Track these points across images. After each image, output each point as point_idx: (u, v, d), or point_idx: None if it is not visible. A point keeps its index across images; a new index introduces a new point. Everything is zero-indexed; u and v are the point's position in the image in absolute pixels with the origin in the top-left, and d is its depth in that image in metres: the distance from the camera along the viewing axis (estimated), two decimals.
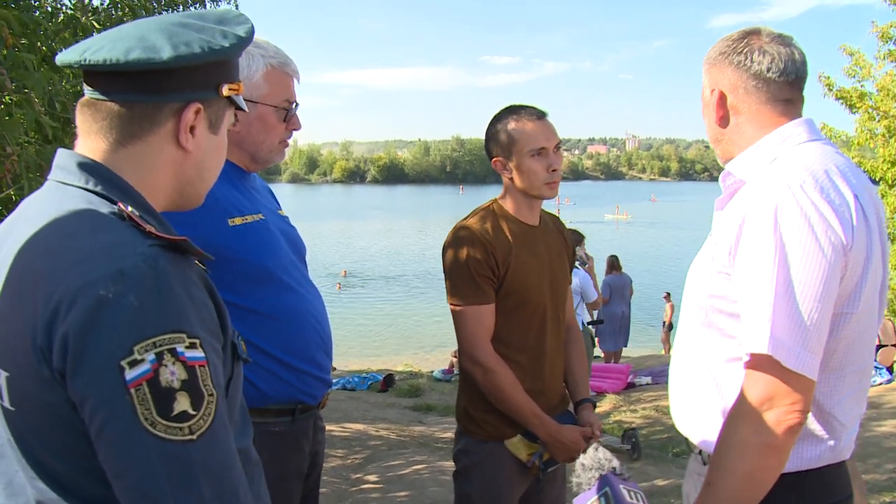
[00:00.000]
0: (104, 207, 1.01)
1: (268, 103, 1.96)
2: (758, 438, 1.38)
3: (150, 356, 0.88)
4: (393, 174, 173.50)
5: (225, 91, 1.13)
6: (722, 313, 1.55)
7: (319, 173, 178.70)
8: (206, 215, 1.75)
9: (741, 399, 1.42)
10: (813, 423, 1.50)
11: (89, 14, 4.14)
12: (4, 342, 0.95)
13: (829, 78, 11.82)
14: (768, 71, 1.56)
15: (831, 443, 1.52)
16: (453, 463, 2.47)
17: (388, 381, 11.48)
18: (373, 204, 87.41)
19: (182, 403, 0.89)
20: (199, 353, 0.92)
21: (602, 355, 12.05)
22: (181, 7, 6.00)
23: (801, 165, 1.46)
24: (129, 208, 1.01)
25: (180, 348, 0.90)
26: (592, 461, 1.77)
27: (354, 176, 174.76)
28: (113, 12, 4.00)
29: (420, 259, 32.51)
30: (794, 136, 1.56)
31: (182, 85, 1.07)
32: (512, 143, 2.32)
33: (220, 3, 15.65)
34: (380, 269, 29.41)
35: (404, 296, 24.53)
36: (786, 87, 1.58)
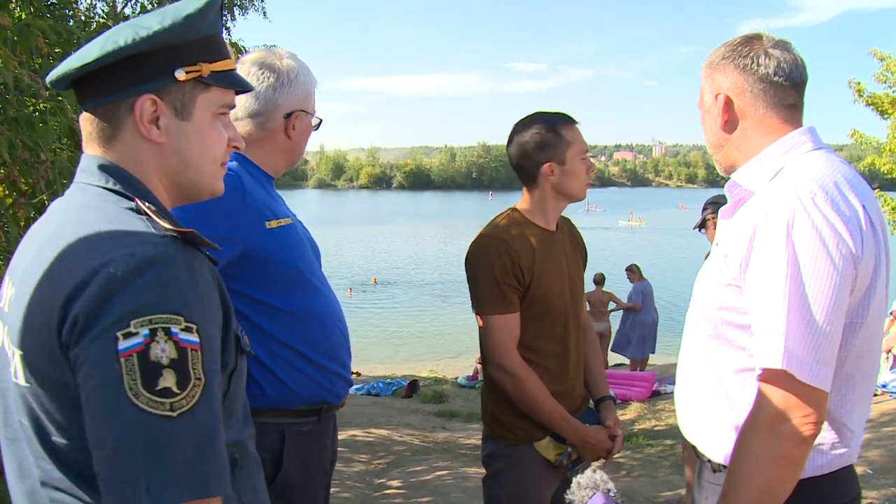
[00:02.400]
0: (122, 203, 1.08)
1: (312, 113, 2.08)
2: (774, 451, 1.38)
3: (144, 331, 0.92)
4: (419, 180, 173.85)
5: (181, 76, 1.11)
6: (731, 325, 1.55)
7: (346, 179, 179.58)
8: (248, 216, 1.81)
9: (756, 412, 1.43)
10: (826, 432, 1.50)
11: (121, 21, 4.22)
12: (23, 323, 1.00)
13: (859, 84, 11.67)
14: (775, 74, 1.56)
15: (843, 450, 1.53)
16: (483, 468, 2.49)
17: (412, 387, 11.50)
18: (399, 210, 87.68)
19: (167, 380, 0.93)
20: (193, 338, 0.96)
21: (628, 363, 11.97)
22: None
23: (810, 176, 1.46)
24: (146, 204, 1.07)
25: (175, 329, 0.94)
26: (589, 481, 1.82)
27: (381, 182, 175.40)
28: None
29: (446, 265, 32.51)
30: (800, 146, 1.55)
31: (128, 80, 1.09)
32: (566, 147, 2.36)
33: (248, 11, 15.87)
34: (406, 274, 29.47)
35: (430, 302, 24.54)
36: (791, 92, 1.57)
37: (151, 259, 0.96)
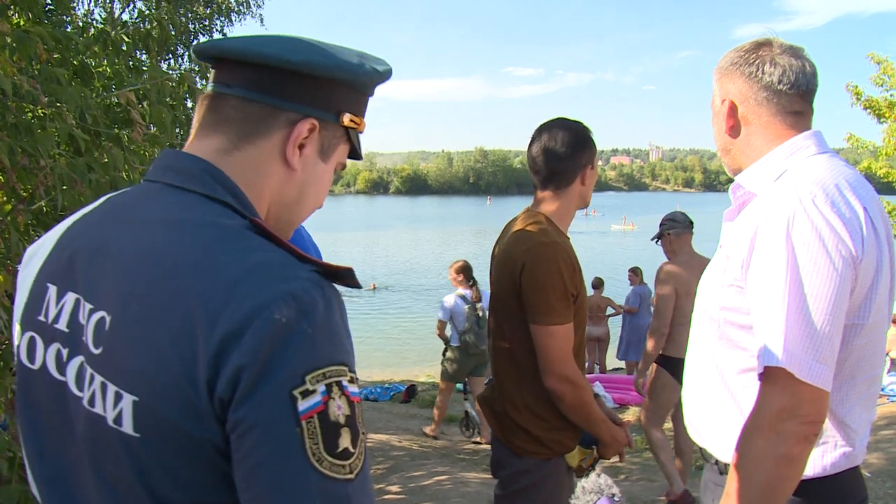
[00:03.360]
0: (237, 220, 0.95)
1: None
2: (775, 450, 1.39)
3: (321, 387, 0.83)
4: (416, 185, 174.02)
5: (346, 120, 1.07)
6: (734, 325, 1.56)
7: (343, 184, 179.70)
8: None
9: (757, 411, 1.43)
10: (829, 432, 1.51)
11: (119, 28, 4.22)
12: (132, 363, 0.87)
13: (857, 87, 11.70)
14: (779, 83, 1.56)
15: (847, 449, 1.54)
16: (498, 483, 2.43)
17: (410, 392, 11.48)
18: (396, 215, 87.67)
19: (345, 440, 0.85)
20: (356, 389, 0.88)
21: (624, 366, 11.96)
22: (207, 21, 6.09)
23: (812, 179, 1.46)
24: (265, 225, 0.95)
25: (345, 381, 0.86)
26: (594, 485, 1.82)
27: (378, 187, 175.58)
28: (141, 26, 4.07)
29: (444, 270, 32.49)
30: (804, 149, 1.56)
31: (303, 95, 1.02)
32: (594, 154, 2.46)
33: (244, 18, 15.91)
34: (404, 279, 29.47)
35: (428, 306, 24.51)
36: (796, 100, 1.58)
37: (313, 302, 0.85)
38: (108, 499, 0.91)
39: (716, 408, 1.64)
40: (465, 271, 7.87)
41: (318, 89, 1.03)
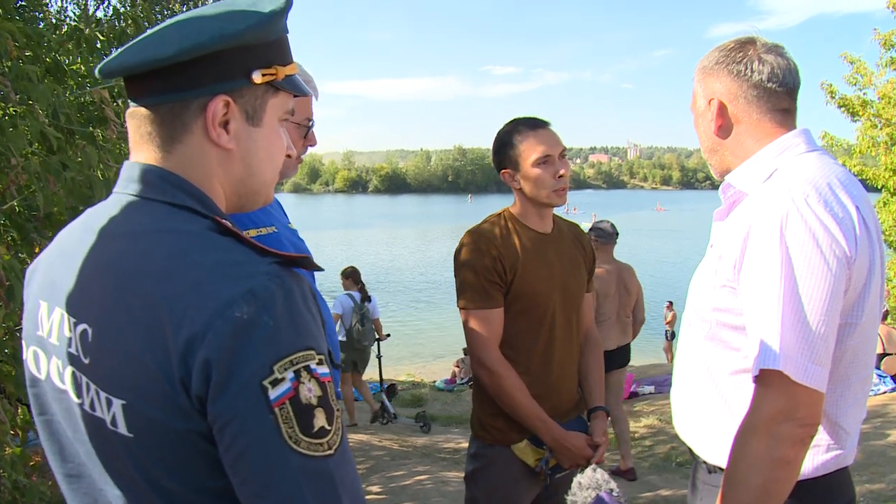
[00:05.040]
0: (198, 224, 0.98)
1: (293, 120, 1.98)
2: (771, 453, 1.38)
3: (290, 374, 0.88)
4: (395, 184, 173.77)
5: (257, 78, 1.02)
6: (727, 326, 1.55)
7: (321, 183, 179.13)
8: None
9: (752, 414, 1.42)
10: (822, 433, 1.50)
11: (93, 25, 4.17)
12: (115, 370, 0.92)
13: (831, 86, 11.84)
14: (768, 81, 1.56)
15: (839, 451, 1.53)
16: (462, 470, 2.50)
17: (390, 391, 11.45)
18: (376, 213, 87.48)
19: (320, 419, 0.90)
20: (325, 369, 0.92)
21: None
22: None
23: (804, 178, 1.46)
24: (227, 222, 0.98)
25: (313, 365, 0.90)
26: (590, 481, 1.80)
27: (356, 186, 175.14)
28: (116, 23, 4.02)
29: (423, 268, 32.49)
30: (793, 147, 1.56)
31: (203, 77, 0.99)
32: (518, 155, 2.37)
33: None
34: (383, 278, 29.41)
35: (407, 305, 24.50)
36: (784, 97, 1.58)
37: (271, 295, 0.89)
38: (122, 492, 0.97)
39: (706, 408, 1.63)
40: (353, 275, 8.83)
41: (213, 64, 0.99)
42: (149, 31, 1.03)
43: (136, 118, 1.02)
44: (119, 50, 1.02)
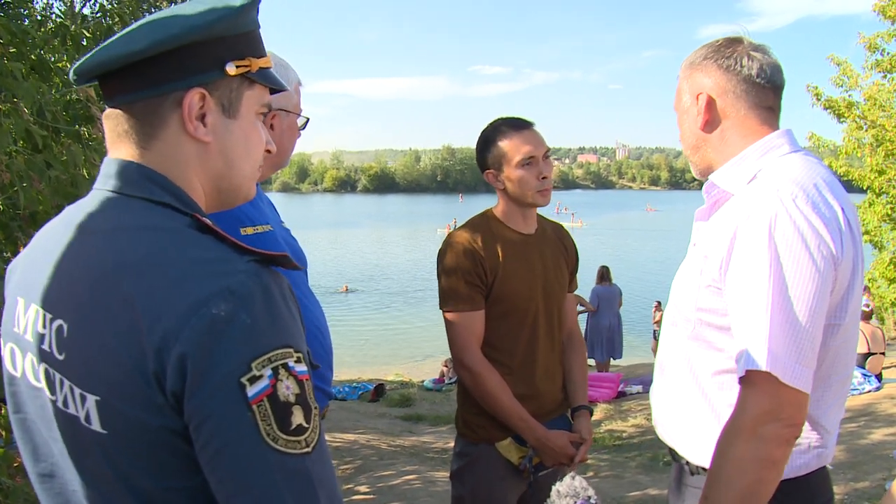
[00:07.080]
0: (177, 221, 0.98)
1: (297, 113, 2.05)
2: (756, 454, 1.38)
3: (268, 371, 0.87)
4: (384, 183, 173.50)
5: (231, 70, 1.02)
6: (711, 326, 1.55)
7: (310, 182, 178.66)
8: (220, 223, 1.75)
9: (738, 415, 1.42)
10: (803, 433, 1.50)
11: (79, 22, 4.13)
12: (90, 365, 0.92)
13: (817, 88, 11.94)
14: (757, 76, 1.57)
15: (820, 450, 1.54)
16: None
17: (378, 391, 11.44)
18: (364, 213, 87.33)
19: (297, 417, 0.90)
20: (304, 367, 0.92)
21: (594, 364, 12.06)
22: None
23: (790, 178, 1.46)
24: (207, 220, 0.98)
25: (291, 362, 0.90)
26: (568, 489, 1.80)
27: (345, 185, 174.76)
28: (103, 21, 3.99)
29: (411, 268, 32.45)
30: (777, 148, 1.56)
31: (177, 70, 0.99)
32: (502, 155, 2.38)
33: None
34: (372, 278, 29.37)
35: (396, 305, 24.46)
36: (770, 94, 1.59)
37: (249, 293, 0.89)
38: (93, 492, 0.97)
39: (688, 409, 1.63)
40: None
41: (187, 58, 0.99)
42: (121, 32, 1.03)
43: (113, 118, 1.03)
44: (92, 52, 1.02)
